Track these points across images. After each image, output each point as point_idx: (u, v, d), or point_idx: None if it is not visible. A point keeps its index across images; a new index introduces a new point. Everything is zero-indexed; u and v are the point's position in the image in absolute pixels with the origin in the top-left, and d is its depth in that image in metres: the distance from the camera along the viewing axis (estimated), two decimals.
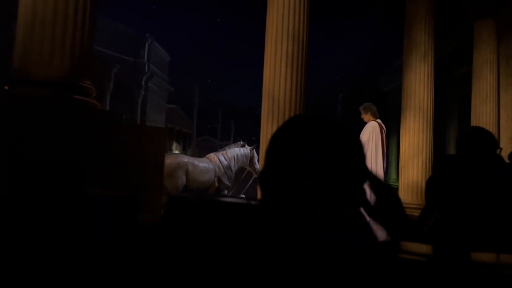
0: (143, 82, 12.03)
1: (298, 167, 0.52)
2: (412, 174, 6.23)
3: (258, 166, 7.60)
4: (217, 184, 6.63)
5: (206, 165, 6.57)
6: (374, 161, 5.79)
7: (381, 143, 5.88)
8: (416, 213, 5.73)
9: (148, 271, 0.49)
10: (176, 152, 16.16)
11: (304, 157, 0.52)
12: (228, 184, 6.91)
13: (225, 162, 6.96)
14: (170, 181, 5.92)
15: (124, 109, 10.53)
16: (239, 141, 8.07)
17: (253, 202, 0.56)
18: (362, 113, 6.26)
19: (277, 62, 4.16)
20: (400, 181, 6.45)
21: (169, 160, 6.07)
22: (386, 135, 6.07)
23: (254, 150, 7.58)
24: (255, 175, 7.68)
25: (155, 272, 0.49)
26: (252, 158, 7.49)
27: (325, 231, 0.46)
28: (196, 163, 6.42)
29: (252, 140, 8.39)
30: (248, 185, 7.95)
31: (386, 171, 6.29)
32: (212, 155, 6.97)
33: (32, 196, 1.18)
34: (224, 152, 7.16)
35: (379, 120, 6.09)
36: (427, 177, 6.21)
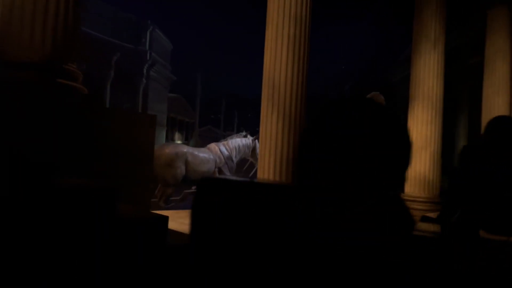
0: (144, 70, 11.87)
1: (339, 153, 0.50)
2: (420, 167, 6.04)
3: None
4: (217, 175, 6.51)
5: (206, 155, 6.46)
6: None
7: None
8: (423, 207, 5.49)
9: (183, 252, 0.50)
10: (178, 142, 16.06)
11: (346, 144, 0.50)
12: (229, 174, 6.80)
13: (226, 153, 6.84)
14: (169, 171, 5.83)
15: (125, 98, 10.42)
16: (242, 132, 7.93)
17: (285, 184, 0.58)
18: None
19: (278, 46, 3.98)
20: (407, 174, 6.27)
21: (168, 150, 5.97)
22: None
23: (257, 141, 7.45)
24: (257, 166, 7.55)
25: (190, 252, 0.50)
26: (254, 149, 7.36)
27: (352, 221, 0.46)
28: (196, 153, 6.31)
29: (256, 130, 8.24)
30: (250, 175, 7.83)
31: None
32: (213, 145, 6.86)
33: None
34: (225, 142, 7.04)
35: None
36: (435, 170, 6.07)
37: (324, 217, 0.48)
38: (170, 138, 15.88)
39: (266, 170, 3.96)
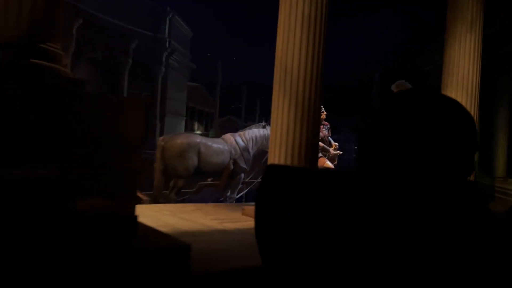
0: (163, 58, 11.78)
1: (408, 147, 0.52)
2: None
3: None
4: (232, 167, 6.32)
5: (220, 146, 6.26)
6: None
7: None
8: None
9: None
10: (198, 132, 16.00)
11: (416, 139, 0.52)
12: (245, 167, 6.57)
13: (242, 144, 6.61)
14: (180, 163, 5.68)
15: (143, 86, 10.40)
16: (262, 122, 7.68)
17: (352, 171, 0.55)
18: (394, 92, 5.66)
19: (291, 27, 3.66)
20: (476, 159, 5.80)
21: (179, 140, 5.82)
22: None
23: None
24: (267, 156, 7.29)
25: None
26: None
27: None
28: (210, 143, 6.12)
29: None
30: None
31: None
32: (228, 136, 6.65)
33: None
34: (242, 133, 6.81)
35: None
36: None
37: (394, 205, 0.48)
38: (189, 129, 15.82)
39: (283, 159, 3.69)
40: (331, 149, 6.28)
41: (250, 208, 3.76)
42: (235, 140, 6.56)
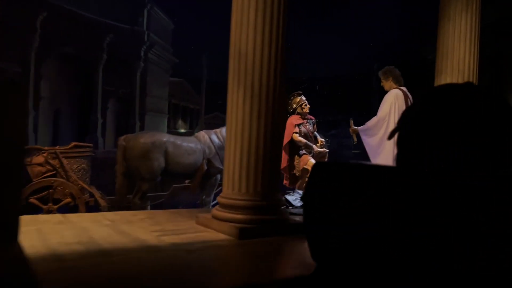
0: (142, 53, 11.32)
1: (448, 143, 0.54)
2: None
3: None
4: (206, 167, 5.86)
5: (192, 145, 5.80)
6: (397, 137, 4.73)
7: None
8: None
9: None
10: (182, 131, 15.53)
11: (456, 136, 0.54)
12: (221, 167, 6.09)
13: (218, 142, 6.14)
14: (144, 164, 5.24)
15: (120, 83, 9.98)
16: None
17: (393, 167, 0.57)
18: (382, 80, 5.15)
19: (245, 4, 3.19)
20: None
21: (143, 140, 5.38)
22: None
23: None
24: None
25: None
26: None
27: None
28: (179, 142, 5.66)
29: None
30: None
31: None
32: (202, 134, 6.18)
33: None
34: (218, 130, 6.34)
35: (404, 88, 4.95)
36: None
37: (442, 200, 0.49)
38: (172, 127, 15.34)
39: (231, 164, 3.24)
40: (315, 146, 5.78)
41: (204, 216, 3.31)
42: (210, 138, 6.10)
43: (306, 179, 5.67)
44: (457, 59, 5.08)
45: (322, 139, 5.96)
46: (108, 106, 10.61)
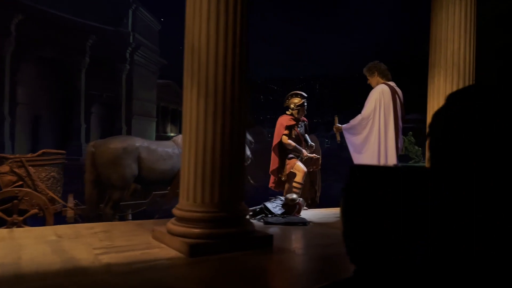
0: (127, 55, 11.06)
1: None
2: None
3: (248, 151, 6.37)
4: None
5: (169, 150, 5.49)
6: (383, 138, 4.38)
7: (393, 114, 4.42)
8: None
9: None
10: (172, 135, 15.17)
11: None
12: None
13: None
14: (114, 171, 4.94)
15: (105, 86, 9.73)
16: None
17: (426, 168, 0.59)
18: (368, 77, 4.81)
19: None
20: None
21: (112, 145, 5.07)
22: (402, 103, 4.58)
23: None
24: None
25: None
26: None
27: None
28: (154, 147, 5.35)
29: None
30: None
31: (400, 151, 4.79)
32: (180, 137, 5.86)
33: None
34: None
35: (392, 83, 4.61)
36: None
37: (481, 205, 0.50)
38: (161, 131, 15.02)
39: (186, 171, 2.93)
40: (305, 151, 5.43)
41: (160, 230, 2.99)
42: None
43: (293, 183, 5.35)
44: (451, 50, 4.73)
45: (313, 144, 5.62)
46: (92, 111, 10.38)
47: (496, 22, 8.66)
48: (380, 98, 4.45)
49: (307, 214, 4.80)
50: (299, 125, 5.67)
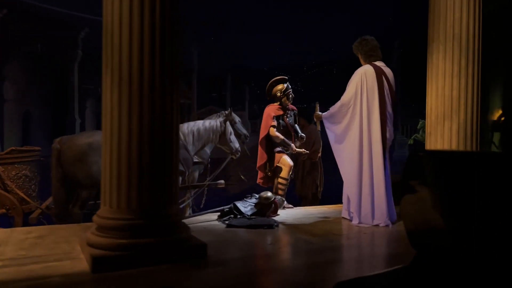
0: None
1: None
2: (442, 146, 4.11)
3: (237, 144, 5.99)
4: None
5: None
6: (367, 127, 3.85)
7: (378, 99, 3.87)
8: None
9: None
10: None
11: None
12: (181, 168, 5.47)
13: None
14: (81, 169, 4.72)
15: (99, 80, 9.62)
16: (225, 111, 6.54)
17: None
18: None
19: None
20: None
21: (78, 141, 4.85)
22: (392, 86, 4.01)
23: (228, 122, 5.98)
24: (230, 156, 6.14)
25: None
26: (224, 133, 5.91)
27: None
28: None
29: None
30: (220, 169, 6.46)
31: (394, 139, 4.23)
32: None
33: None
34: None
35: (378, 63, 4.05)
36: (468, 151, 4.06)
37: None
38: None
39: (103, 171, 2.61)
40: (293, 145, 4.99)
41: (82, 237, 2.69)
42: None
43: (278, 179, 4.91)
44: (451, 20, 4.10)
45: (303, 135, 5.17)
46: (86, 105, 10.36)
47: None
48: (362, 80, 3.91)
49: (287, 213, 4.38)
50: (288, 115, 5.22)
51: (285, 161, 4.97)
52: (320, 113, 4.28)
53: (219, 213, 4.12)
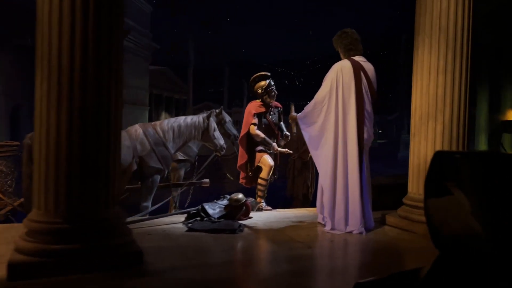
0: None
1: None
2: (426, 149, 3.84)
3: (221, 141, 5.82)
4: (135, 167, 5.11)
5: None
6: (342, 128, 3.61)
7: (355, 96, 3.63)
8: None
9: None
10: None
11: None
12: (158, 166, 5.31)
13: (155, 136, 5.36)
14: None
15: None
16: (216, 109, 6.37)
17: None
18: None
19: None
20: (410, 161, 4.07)
21: None
22: (372, 82, 3.76)
23: (212, 118, 5.80)
24: (215, 153, 5.98)
25: None
26: (207, 129, 5.73)
27: None
28: None
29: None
30: (205, 165, 6.31)
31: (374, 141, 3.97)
32: (135, 128, 5.43)
33: None
34: (158, 122, 5.57)
35: (358, 58, 3.80)
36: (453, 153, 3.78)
37: None
38: (155, 119, 14.67)
39: (37, 166, 2.44)
40: (275, 145, 4.78)
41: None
42: (144, 133, 5.34)
43: (258, 180, 4.70)
44: (438, 11, 3.82)
45: (288, 133, 4.95)
46: None
47: None
48: (338, 77, 3.67)
49: (260, 217, 4.18)
50: (271, 112, 5.00)
51: (266, 161, 4.77)
52: (295, 114, 4.05)
53: (185, 215, 3.95)
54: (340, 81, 3.66)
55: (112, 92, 2.45)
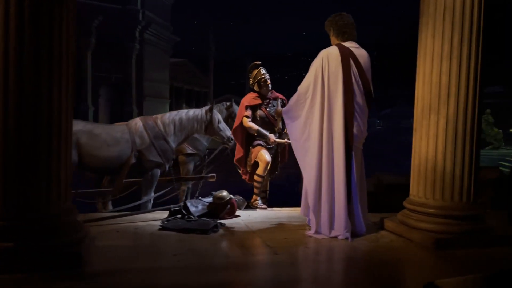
0: (136, 34, 10.88)
1: None
2: (426, 147, 3.41)
3: (228, 132, 5.67)
4: (134, 161, 5.10)
5: (117, 135, 5.08)
6: (327, 122, 3.29)
7: (342, 87, 3.28)
8: (432, 226, 3.03)
9: None
10: None
11: None
12: (158, 160, 5.27)
13: (155, 130, 5.32)
14: None
15: (114, 68, 9.73)
16: (227, 102, 6.26)
17: None
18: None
19: None
20: (412, 158, 3.64)
21: None
22: (364, 71, 3.38)
23: (215, 111, 5.67)
24: (222, 145, 5.88)
25: None
26: (211, 123, 5.60)
27: None
28: (98, 132, 4.99)
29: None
30: (210, 157, 6.20)
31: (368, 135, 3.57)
32: (136, 120, 5.42)
33: None
34: (159, 116, 5.52)
35: (349, 44, 3.45)
36: (458, 152, 3.29)
37: None
38: None
39: None
40: (272, 136, 4.53)
41: None
42: (145, 126, 5.31)
43: (255, 176, 4.49)
44: None
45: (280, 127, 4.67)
46: (100, 93, 10.61)
47: None
48: (324, 65, 3.33)
49: (248, 216, 3.97)
50: (269, 104, 4.72)
51: (262, 157, 4.52)
52: (281, 108, 3.75)
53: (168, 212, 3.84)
54: (326, 69, 3.32)
55: (54, 77, 2.35)
